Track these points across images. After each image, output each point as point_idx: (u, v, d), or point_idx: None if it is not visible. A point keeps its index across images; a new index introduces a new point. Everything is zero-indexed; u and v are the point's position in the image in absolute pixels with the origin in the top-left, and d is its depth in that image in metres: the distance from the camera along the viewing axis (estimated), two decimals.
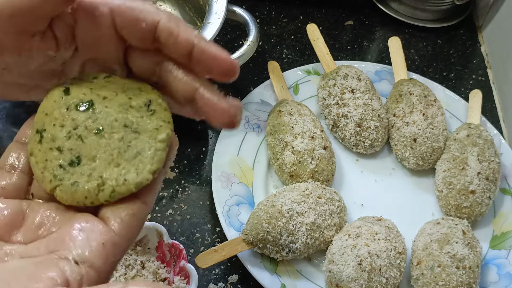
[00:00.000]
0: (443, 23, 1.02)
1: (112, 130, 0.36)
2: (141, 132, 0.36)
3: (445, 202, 0.75)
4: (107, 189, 0.35)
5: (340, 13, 1.03)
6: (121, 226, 0.34)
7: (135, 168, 0.35)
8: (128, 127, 0.36)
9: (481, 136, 0.77)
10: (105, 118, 0.36)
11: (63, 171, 0.35)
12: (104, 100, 0.36)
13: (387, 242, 0.66)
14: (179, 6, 0.88)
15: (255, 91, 0.84)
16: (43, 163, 0.35)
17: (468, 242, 0.68)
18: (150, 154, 0.35)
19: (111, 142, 0.35)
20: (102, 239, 0.32)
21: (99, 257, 0.32)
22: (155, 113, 0.37)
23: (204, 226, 0.75)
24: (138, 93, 0.37)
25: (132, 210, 0.35)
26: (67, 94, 0.37)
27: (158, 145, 0.36)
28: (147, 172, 0.35)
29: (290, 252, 0.67)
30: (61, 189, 0.35)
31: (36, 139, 0.36)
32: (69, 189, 0.35)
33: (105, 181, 0.35)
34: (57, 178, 0.35)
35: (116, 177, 0.35)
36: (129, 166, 0.35)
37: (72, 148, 0.35)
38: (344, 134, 0.80)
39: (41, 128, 0.36)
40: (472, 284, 0.65)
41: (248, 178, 0.76)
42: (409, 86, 0.82)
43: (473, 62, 0.99)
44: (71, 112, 0.36)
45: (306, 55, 0.95)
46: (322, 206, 0.69)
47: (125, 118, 0.36)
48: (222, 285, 0.70)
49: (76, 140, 0.35)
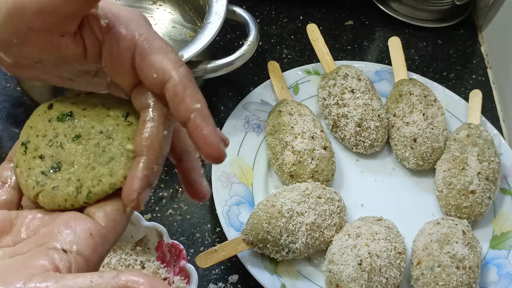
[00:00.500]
0: (443, 23, 1.02)
1: (89, 136, 0.38)
2: (114, 138, 0.37)
3: (445, 202, 0.75)
4: (84, 191, 0.36)
5: (340, 13, 1.03)
6: (107, 219, 0.35)
7: (109, 171, 0.36)
8: (103, 133, 0.38)
9: (481, 136, 0.77)
10: (83, 126, 0.38)
11: (45, 177, 0.37)
12: (84, 111, 0.39)
13: (387, 242, 0.66)
14: (179, 6, 0.88)
15: (255, 91, 0.84)
16: (27, 172, 0.37)
17: (468, 242, 0.68)
18: (123, 159, 0.37)
19: (87, 147, 0.37)
20: (89, 230, 0.34)
21: (87, 246, 0.33)
22: (132, 125, 0.38)
23: (204, 226, 0.75)
24: (117, 106, 0.39)
25: (115, 206, 0.36)
26: (50, 109, 0.39)
27: (129, 153, 0.37)
28: (121, 176, 0.36)
29: (290, 252, 0.67)
30: (43, 195, 0.36)
31: (21, 151, 0.38)
32: (50, 194, 0.36)
33: (82, 184, 0.36)
34: (39, 184, 0.37)
35: (92, 179, 0.36)
36: (103, 169, 0.37)
37: (53, 155, 0.37)
38: (344, 134, 0.80)
39: (26, 140, 0.38)
40: (472, 284, 0.65)
41: (248, 178, 0.76)
42: (409, 86, 0.82)
43: (473, 62, 0.99)
44: (53, 123, 0.38)
45: (306, 55, 0.95)
46: (322, 206, 0.69)
47: (101, 125, 0.38)
48: (222, 285, 0.70)
49: (56, 147, 0.37)
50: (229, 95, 0.88)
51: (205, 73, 0.73)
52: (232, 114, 0.80)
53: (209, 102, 0.94)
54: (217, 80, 0.84)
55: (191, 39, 0.73)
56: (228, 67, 0.73)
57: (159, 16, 0.89)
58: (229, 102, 0.86)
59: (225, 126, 0.79)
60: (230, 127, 0.79)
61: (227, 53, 0.74)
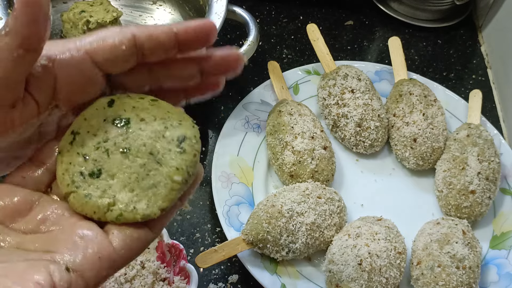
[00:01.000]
0: (443, 23, 1.02)
1: (137, 153, 0.36)
2: (163, 164, 0.36)
3: (445, 202, 0.75)
4: (115, 211, 0.35)
5: (340, 13, 1.03)
6: (122, 245, 0.33)
7: (147, 199, 0.35)
8: (153, 155, 0.36)
9: (481, 136, 0.77)
10: (135, 140, 0.36)
11: (82, 179, 0.35)
12: (141, 122, 0.36)
13: (387, 242, 0.66)
14: (179, 6, 0.88)
15: (255, 91, 0.84)
16: (67, 165, 0.36)
17: (468, 242, 0.68)
18: (165, 191, 0.35)
19: (132, 165, 0.35)
20: (99, 252, 0.32)
21: (92, 269, 0.32)
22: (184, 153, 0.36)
23: (204, 226, 0.75)
24: (176, 125, 0.37)
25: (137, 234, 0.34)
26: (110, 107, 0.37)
27: (173, 184, 0.35)
28: (157, 208, 0.35)
29: (290, 252, 0.67)
30: (75, 196, 0.35)
31: (69, 139, 0.36)
32: (81, 199, 0.35)
33: (116, 202, 0.35)
34: (74, 185, 0.35)
35: (127, 202, 0.35)
36: (142, 195, 0.35)
37: (96, 160, 0.36)
38: (344, 134, 0.80)
39: (76, 131, 0.36)
40: (472, 284, 0.65)
41: (248, 178, 0.76)
42: (409, 86, 0.82)
43: (473, 62, 0.99)
44: (107, 124, 0.36)
45: (306, 55, 0.95)
46: (322, 206, 0.69)
47: (153, 146, 0.36)
48: (222, 285, 0.70)
49: (102, 153, 0.36)
50: (229, 95, 0.88)
51: None
52: (232, 114, 0.80)
53: (209, 102, 0.95)
54: None
55: None
56: None
57: (159, 16, 0.89)
58: (229, 102, 0.86)
59: (225, 126, 0.79)
60: (230, 127, 0.79)
61: None
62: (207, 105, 0.85)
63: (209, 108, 0.85)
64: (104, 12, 0.77)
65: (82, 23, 0.76)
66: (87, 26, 0.76)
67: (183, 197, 0.37)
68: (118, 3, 0.88)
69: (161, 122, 0.37)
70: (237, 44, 0.93)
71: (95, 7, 0.78)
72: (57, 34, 0.83)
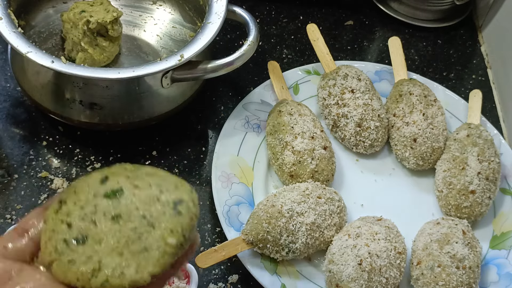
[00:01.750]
0: (443, 23, 1.02)
1: (129, 218, 0.34)
2: (156, 227, 0.33)
3: (445, 202, 0.75)
4: (101, 277, 0.33)
5: (340, 13, 1.02)
6: None
7: (136, 264, 0.33)
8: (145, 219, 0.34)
9: (481, 136, 0.77)
10: (127, 206, 0.34)
11: (65, 246, 0.34)
12: (135, 188, 0.35)
13: (387, 242, 0.66)
14: (179, 6, 0.88)
15: (255, 91, 0.84)
16: (50, 233, 0.34)
17: (468, 242, 0.68)
18: (157, 254, 0.33)
19: (122, 229, 0.33)
20: None
21: None
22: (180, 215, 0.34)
23: (204, 226, 0.75)
24: (173, 189, 0.35)
25: None
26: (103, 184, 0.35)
27: (167, 248, 0.33)
28: (147, 274, 0.33)
29: (290, 252, 0.67)
30: (58, 264, 0.34)
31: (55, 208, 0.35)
32: (64, 266, 0.33)
33: (101, 267, 0.33)
34: (57, 252, 0.34)
35: (114, 267, 0.33)
36: (131, 259, 0.33)
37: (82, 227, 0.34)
38: (344, 134, 0.80)
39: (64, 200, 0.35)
40: (472, 284, 0.65)
41: (248, 178, 0.76)
42: (409, 86, 0.82)
43: (473, 62, 0.99)
44: (97, 199, 0.35)
45: (306, 55, 0.95)
46: (322, 206, 0.69)
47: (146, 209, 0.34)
48: (222, 285, 0.70)
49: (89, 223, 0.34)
50: (229, 95, 0.88)
51: (205, 73, 0.73)
52: (232, 114, 0.80)
53: (209, 102, 0.95)
54: (217, 80, 0.84)
55: (191, 39, 0.73)
56: (228, 67, 0.73)
57: (159, 16, 0.89)
58: (229, 102, 0.86)
59: (225, 126, 0.79)
60: (230, 127, 0.79)
61: (227, 53, 0.74)
62: (207, 105, 0.85)
63: (209, 108, 0.85)
64: (104, 12, 0.77)
65: (82, 23, 0.76)
66: (87, 26, 0.76)
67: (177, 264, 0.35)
68: (118, 3, 0.88)
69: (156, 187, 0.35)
70: (237, 44, 0.93)
71: (95, 7, 0.77)
72: (57, 34, 0.83)
